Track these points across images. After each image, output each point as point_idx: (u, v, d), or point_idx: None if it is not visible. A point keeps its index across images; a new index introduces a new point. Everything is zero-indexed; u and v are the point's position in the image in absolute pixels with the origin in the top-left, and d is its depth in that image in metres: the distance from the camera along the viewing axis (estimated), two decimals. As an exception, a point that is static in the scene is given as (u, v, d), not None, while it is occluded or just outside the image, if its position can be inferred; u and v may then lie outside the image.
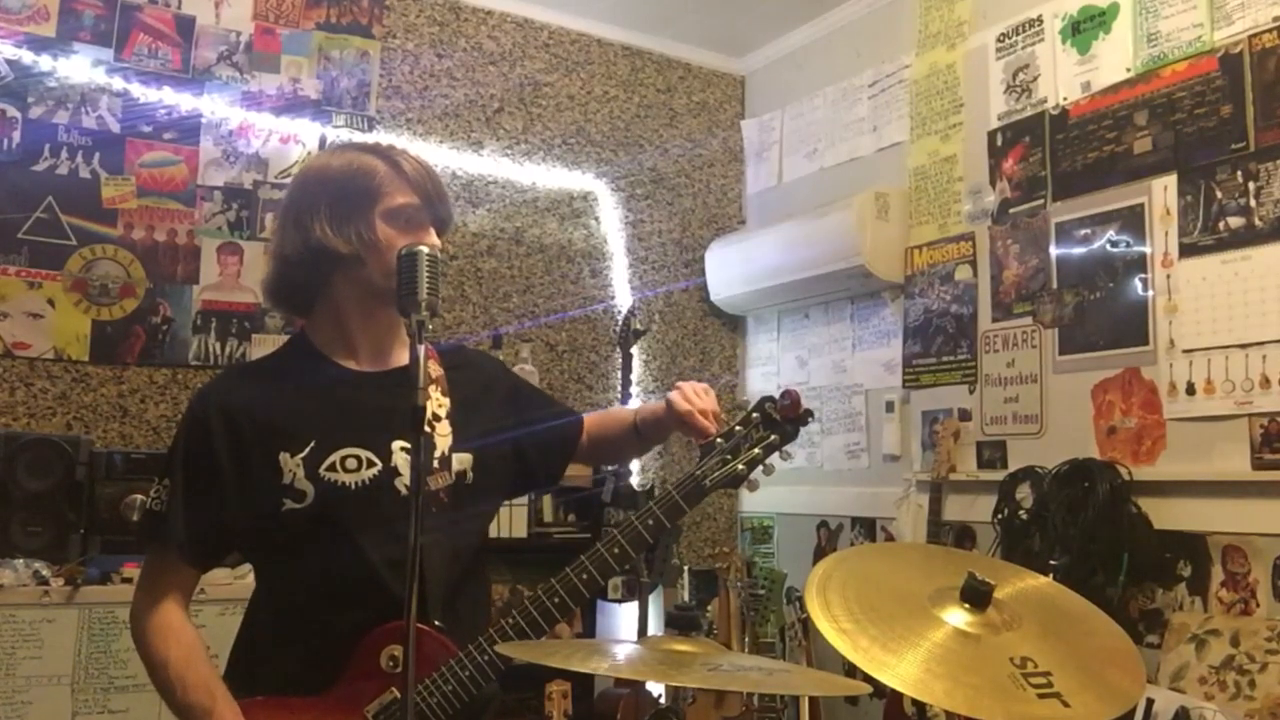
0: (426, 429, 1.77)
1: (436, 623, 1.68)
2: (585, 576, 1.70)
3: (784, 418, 1.72)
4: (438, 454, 1.78)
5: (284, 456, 1.66)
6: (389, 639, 1.65)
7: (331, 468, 1.68)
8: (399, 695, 1.61)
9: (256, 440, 1.68)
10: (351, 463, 1.70)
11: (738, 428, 1.73)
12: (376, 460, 1.71)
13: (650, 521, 1.71)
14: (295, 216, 1.73)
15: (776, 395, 1.74)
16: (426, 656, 1.66)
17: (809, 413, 1.74)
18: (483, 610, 1.85)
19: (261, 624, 1.76)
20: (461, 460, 1.79)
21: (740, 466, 1.73)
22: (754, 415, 1.75)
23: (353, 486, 1.69)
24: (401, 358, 1.78)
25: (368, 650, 1.66)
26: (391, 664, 1.65)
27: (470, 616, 1.74)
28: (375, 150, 1.79)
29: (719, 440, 1.72)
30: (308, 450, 1.68)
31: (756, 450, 1.74)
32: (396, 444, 1.73)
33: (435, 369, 1.83)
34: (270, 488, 1.66)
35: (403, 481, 1.72)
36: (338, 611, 1.66)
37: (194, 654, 1.65)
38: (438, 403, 1.82)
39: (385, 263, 1.65)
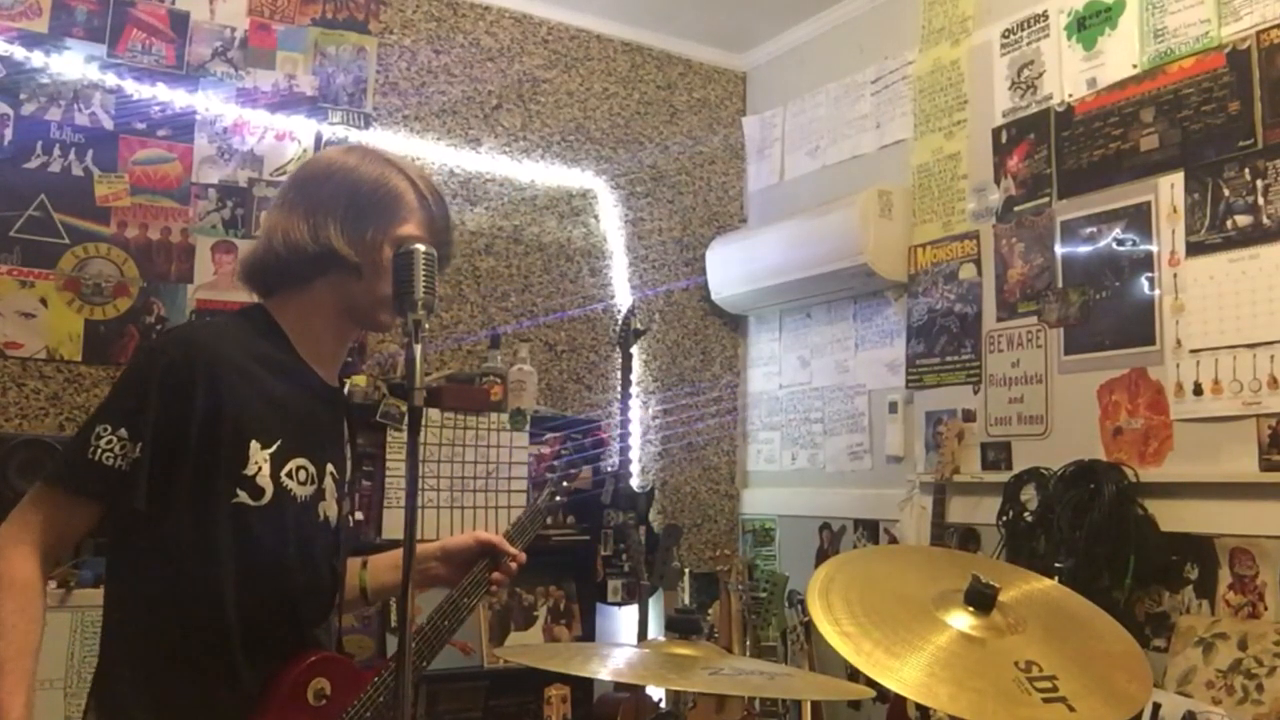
0: (348, 450, 1.78)
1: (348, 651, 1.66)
2: (467, 600, 1.83)
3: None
4: (349, 479, 1.78)
5: (255, 445, 1.56)
6: (314, 672, 1.61)
7: (290, 474, 1.61)
8: None
9: (232, 418, 1.54)
10: (302, 474, 1.63)
11: (555, 464, 2.24)
12: (316, 478, 1.66)
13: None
14: (310, 207, 1.66)
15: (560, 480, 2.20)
16: (349, 685, 1.64)
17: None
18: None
19: (140, 650, 1.54)
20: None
21: (557, 497, 2.14)
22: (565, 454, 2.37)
23: (299, 500, 1.62)
24: (337, 376, 1.80)
25: (292, 685, 1.58)
26: (319, 698, 1.60)
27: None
28: (406, 172, 1.73)
29: (549, 475, 2.17)
30: (275, 447, 1.59)
31: (565, 483, 2.15)
32: (329, 466, 1.70)
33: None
34: (229, 476, 1.53)
35: (325, 507, 1.68)
36: (247, 641, 1.55)
37: (30, 641, 1.46)
38: (348, 427, 1.81)
39: (376, 283, 1.63)
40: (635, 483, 4.17)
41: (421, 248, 1.42)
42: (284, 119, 3.77)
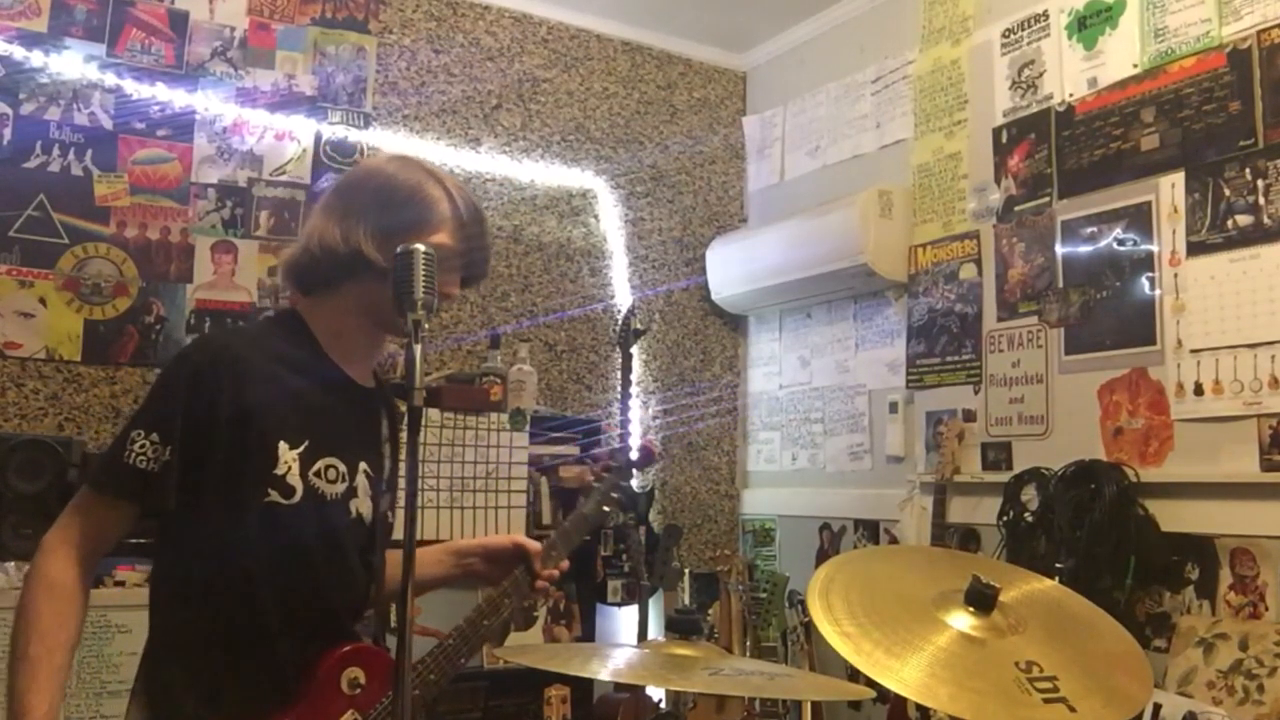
0: (385, 448, 1.81)
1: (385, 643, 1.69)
2: (508, 601, 1.85)
3: (634, 465, 2.18)
4: (387, 476, 1.80)
5: (283, 446, 1.60)
6: (348, 661, 1.65)
7: (319, 473, 1.65)
8: (361, 718, 1.64)
9: (259, 420, 1.59)
10: (331, 473, 1.67)
11: (605, 474, 2.08)
12: (347, 476, 1.70)
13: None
14: (344, 211, 1.71)
15: (633, 448, 2.21)
16: (383, 675, 1.67)
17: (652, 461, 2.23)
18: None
19: (182, 639, 1.60)
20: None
21: (605, 508, 2.06)
22: (614, 464, 2.13)
23: (329, 498, 1.66)
24: (372, 376, 1.82)
25: (327, 673, 1.63)
26: (353, 687, 1.64)
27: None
28: (444, 183, 1.76)
29: (596, 485, 2.07)
30: (304, 448, 1.63)
31: (614, 494, 2.08)
32: (362, 464, 1.73)
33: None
34: (260, 476, 1.58)
35: (357, 504, 1.71)
36: (283, 631, 1.60)
37: (62, 642, 1.51)
38: (389, 424, 1.84)
39: None
40: (635, 483, 4.17)
41: (421, 248, 1.42)
42: (283, 119, 3.76)
